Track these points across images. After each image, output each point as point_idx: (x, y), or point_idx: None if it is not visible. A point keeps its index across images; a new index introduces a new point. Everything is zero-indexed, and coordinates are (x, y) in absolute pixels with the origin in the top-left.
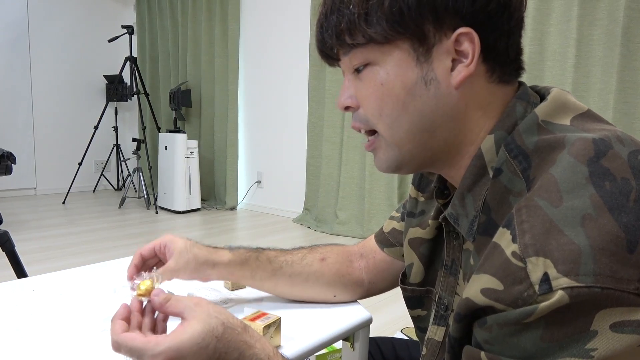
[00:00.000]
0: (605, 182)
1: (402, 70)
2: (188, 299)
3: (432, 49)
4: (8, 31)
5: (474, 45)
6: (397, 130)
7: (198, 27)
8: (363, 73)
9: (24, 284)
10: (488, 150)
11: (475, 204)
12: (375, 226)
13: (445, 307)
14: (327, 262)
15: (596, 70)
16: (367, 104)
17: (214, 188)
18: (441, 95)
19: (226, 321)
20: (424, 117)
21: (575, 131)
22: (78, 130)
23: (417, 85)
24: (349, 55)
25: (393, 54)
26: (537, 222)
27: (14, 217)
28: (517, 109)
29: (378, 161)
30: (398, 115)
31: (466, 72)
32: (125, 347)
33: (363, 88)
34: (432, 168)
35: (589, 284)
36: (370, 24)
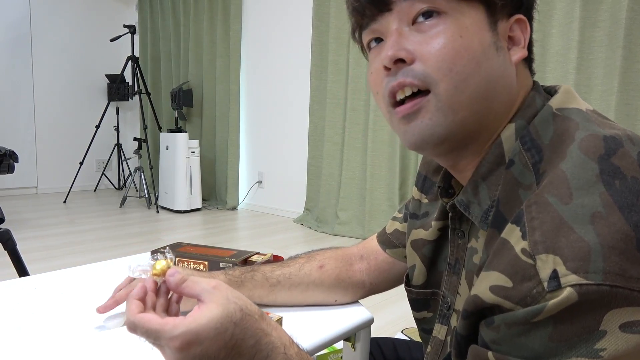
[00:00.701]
0: (616, 181)
1: (480, 29)
2: (206, 281)
3: (497, 23)
4: (10, 30)
5: (526, 32)
6: (462, 92)
7: (200, 26)
8: (431, 21)
9: (26, 282)
10: (508, 139)
11: (491, 193)
12: (376, 226)
13: (447, 306)
14: (325, 269)
15: (598, 72)
16: (435, 57)
17: (215, 188)
18: (506, 65)
19: (244, 307)
20: (490, 83)
21: (589, 120)
22: (79, 130)
23: (490, 47)
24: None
25: (472, 12)
26: (547, 219)
27: (15, 216)
28: (537, 100)
29: (421, 127)
30: (469, 74)
31: (523, 53)
32: (141, 328)
33: (430, 40)
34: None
35: (598, 281)
36: None
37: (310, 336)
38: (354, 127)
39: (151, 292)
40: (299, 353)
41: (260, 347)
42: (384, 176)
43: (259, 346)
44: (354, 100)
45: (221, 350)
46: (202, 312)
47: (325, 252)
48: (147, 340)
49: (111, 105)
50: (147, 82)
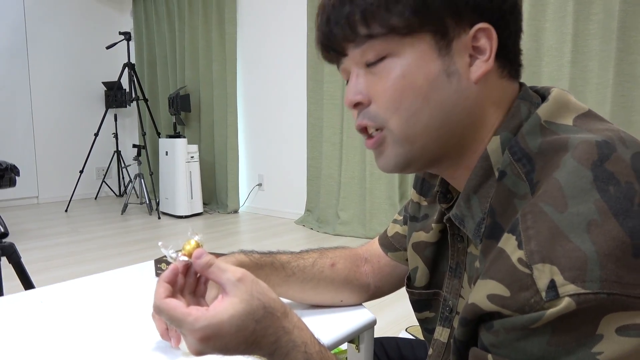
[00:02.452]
0: (610, 187)
1: (425, 62)
2: (232, 271)
3: (452, 43)
4: (5, 40)
5: (492, 41)
6: (414, 125)
7: (195, 31)
8: (378, 66)
9: (32, 295)
10: (494, 152)
11: (482, 205)
12: (377, 225)
13: (449, 309)
14: (336, 267)
15: (593, 65)
16: (382, 98)
17: (215, 192)
18: (462, 88)
19: (267, 304)
20: (444, 111)
21: (578, 132)
22: (78, 138)
23: (439, 77)
24: (361, 47)
25: (415, 46)
26: (542, 228)
27: (17, 227)
28: (522, 109)
29: (384, 159)
30: (417, 109)
31: (486, 67)
32: (166, 314)
33: (378, 82)
34: (438, 167)
35: (596, 290)
36: (392, 14)
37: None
38: (351, 127)
39: (181, 275)
40: (320, 352)
41: (280, 344)
42: (383, 175)
43: (279, 343)
44: None
45: (241, 345)
46: (225, 307)
47: (336, 250)
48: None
49: (109, 113)
50: (144, 88)
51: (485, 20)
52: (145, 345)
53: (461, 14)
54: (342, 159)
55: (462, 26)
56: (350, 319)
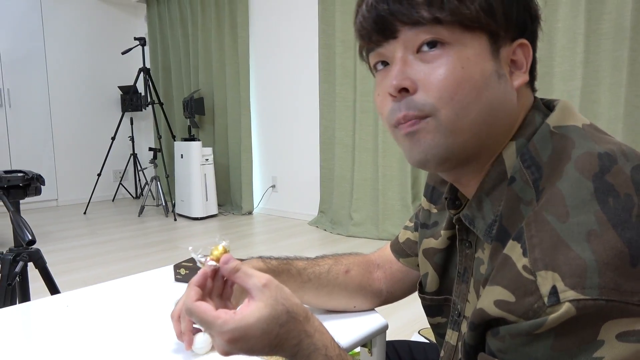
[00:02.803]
0: (609, 198)
1: (482, 59)
2: (257, 276)
3: (500, 50)
4: (24, 47)
5: (528, 56)
6: (463, 118)
7: (208, 35)
8: (434, 52)
9: (58, 300)
10: (509, 157)
11: (494, 208)
12: (390, 227)
13: (458, 313)
14: (350, 274)
15: (606, 65)
16: (436, 87)
17: (229, 194)
18: (508, 92)
19: (290, 309)
20: (491, 109)
21: (585, 137)
22: (96, 141)
23: (492, 76)
24: (418, 30)
25: (474, 42)
26: (545, 237)
27: (38, 229)
28: (537, 118)
29: (423, 145)
30: (470, 102)
31: (524, 78)
32: (196, 316)
33: (433, 70)
34: (461, 171)
35: (595, 296)
36: (463, 3)
37: None
38: (364, 129)
39: (209, 279)
40: (340, 355)
41: (302, 346)
42: (395, 176)
43: (301, 346)
44: (363, 102)
45: (265, 347)
46: (252, 311)
47: (350, 257)
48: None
49: (125, 116)
50: (159, 92)
51: (525, 37)
52: (164, 348)
53: (510, 26)
54: (355, 160)
55: (508, 38)
56: (363, 323)
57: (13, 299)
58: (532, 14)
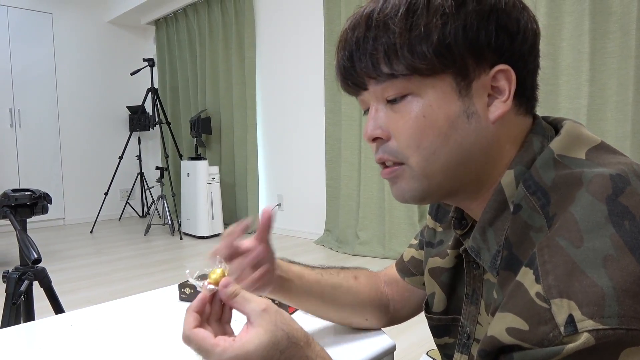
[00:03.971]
0: (625, 221)
1: (446, 103)
2: (255, 301)
3: (471, 84)
4: (36, 69)
5: (511, 82)
6: (433, 163)
7: (215, 56)
8: (400, 104)
9: (62, 319)
10: (508, 185)
11: (498, 238)
12: (396, 245)
13: (467, 336)
14: (360, 281)
15: (612, 83)
16: (403, 136)
17: (235, 212)
18: (480, 129)
19: (291, 334)
20: (462, 151)
21: (591, 166)
22: (103, 161)
23: (459, 118)
24: (382, 84)
25: (436, 86)
26: (559, 263)
27: (44, 248)
28: (535, 143)
29: (398, 190)
30: (437, 148)
31: (504, 108)
32: (194, 344)
33: (399, 119)
34: (453, 200)
35: (614, 326)
36: (415, 55)
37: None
38: (369, 148)
39: (207, 304)
40: None
41: None
42: None
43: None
44: None
45: None
46: (251, 338)
47: (357, 268)
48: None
49: (133, 136)
50: (166, 112)
51: (505, 61)
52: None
53: (482, 55)
54: (361, 179)
55: (483, 67)
56: (370, 344)
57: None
58: (511, 32)
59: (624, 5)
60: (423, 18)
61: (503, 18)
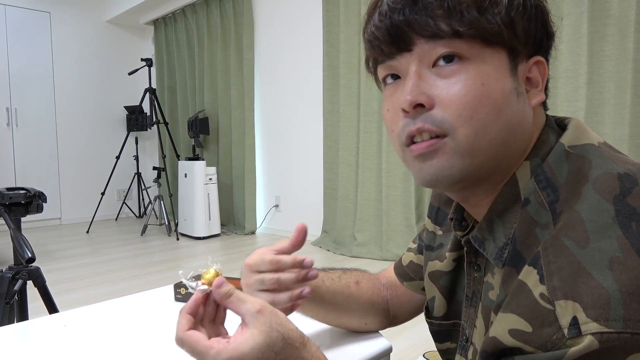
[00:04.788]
0: (632, 223)
1: (502, 76)
2: (250, 302)
3: (517, 67)
4: (33, 68)
5: (544, 74)
6: (482, 138)
7: (214, 57)
8: (452, 67)
9: (55, 319)
10: (523, 177)
11: (506, 230)
12: (394, 247)
13: (465, 339)
14: (361, 286)
15: (610, 86)
16: (455, 103)
17: (233, 213)
18: (526, 110)
19: (286, 335)
20: (510, 128)
21: (602, 156)
22: (100, 161)
23: (511, 94)
24: (435, 43)
25: (494, 57)
26: (564, 264)
27: (40, 248)
28: (551, 137)
29: (437, 167)
30: (490, 121)
31: (541, 96)
32: (188, 346)
33: (451, 85)
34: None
35: (619, 329)
36: (484, 16)
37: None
38: (367, 149)
39: (201, 305)
40: None
41: None
42: (399, 196)
43: None
44: (367, 122)
45: None
46: (246, 339)
47: (358, 271)
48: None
49: (130, 136)
50: (164, 112)
51: (541, 54)
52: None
53: (528, 43)
54: (359, 180)
55: (525, 55)
56: (366, 346)
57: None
58: (548, 31)
59: (623, 9)
60: None
61: (546, 14)
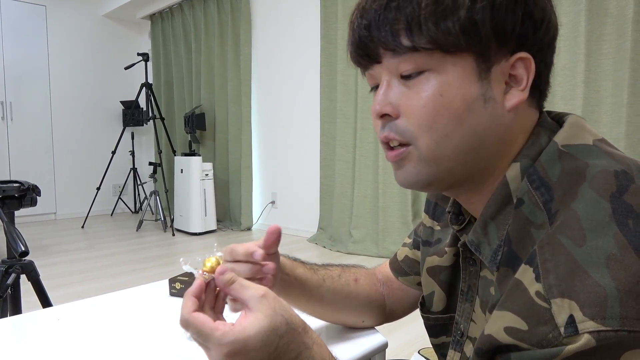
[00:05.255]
0: (629, 220)
1: (465, 83)
2: (254, 288)
3: (491, 68)
4: (28, 62)
5: (529, 71)
6: (444, 147)
7: (211, 52)
8: (415, 80)
9: (49, 313)
10: (514, 179)
11: (499, 232)
12: (390, 244)
13: (461, 333)
14: (360, 283)
15: (607, 85)
16: (415, 114)
17: (229, 209)
18: (496, 115)
19: (289, 320)
20: (476, 136)
21: (598, 154)
22: (96, 156)
23: (476, 101)
24: (399, 58)
25: (457, 65)
26: (561, 262)
27: (35, 243)
28: (542, 136)
29: (404, 174)
30: (451, 131)
31: (521, 97)
32: (193, 328)
33: (413, 96)
34: (457, 191)
35: (616, 327)
36: (440, 29)
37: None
38: (364, 146)
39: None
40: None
41: (300, 359)
42: (396, 194)
43: (300, 358)
44: (364, 119)
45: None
46: (251, 323)
47: (356, 267)
48: (195, 339)
49: (126, 131)
50: (160, 107)
51: (526, 50)
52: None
53: (505, 40)
54: (355, 177)
55: (504, 52)
56: (363, 341)
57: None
58: (535, 21)
59: (621, 7)
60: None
61: (530, 5)
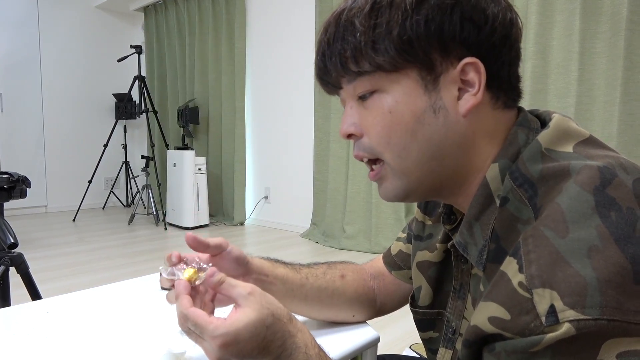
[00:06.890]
0: (611, 212)
1: (411, 99)
2: (241, 285)
3: (439, 78)
4: (20, 53)
5: (480, 74)
6: (405, 159)
7: (205, 46)
8: (369, 101)
9: (38, 306)
10: (493, 179)
11: (484, 232)
12: (382, 240)
13: (452, 331)
14: (346, 279)
15: (600, 83)
16: (373, 132)
17: (222, 204)
18: (450, 123)
19: (275, 312)
20: (432, 145)
21: (579, 158)
22: (88, 148)
23: (425, 113)
24: (353, 83)
25: (401, 82)
26: (543, 253)
27: (25, 236)
28: (520, 136)
29: (384, 190)
30: (406, 144)
31: (474, 101)
32: (191, 321)
33: (368, 116)
34: (439, 197)
35: (596, 316)
36: (378, 52)
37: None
38: None
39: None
40: (319, 354)
41: (285, 346)
42: None
43: (285, 345)
44: None
45: (254, 349)
46: (240, 317)
47: (343, 263)
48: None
49: (119, 124)
50: (154, 101)
51: (473, 54)
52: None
53: (448, 48)
54: (349, 173)
55: (450, 60)
56: (354, 336)
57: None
58: (477, 24)
59: (615, 6)
60: (386, 15)
61: (467, 10)
